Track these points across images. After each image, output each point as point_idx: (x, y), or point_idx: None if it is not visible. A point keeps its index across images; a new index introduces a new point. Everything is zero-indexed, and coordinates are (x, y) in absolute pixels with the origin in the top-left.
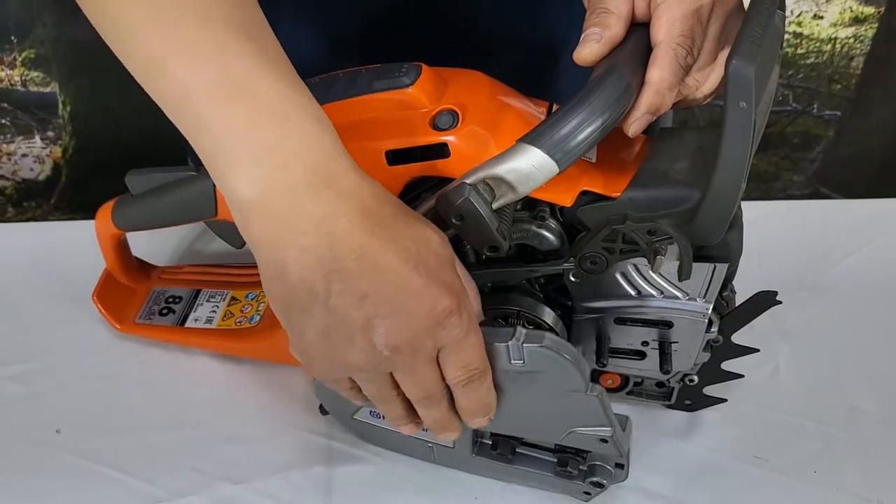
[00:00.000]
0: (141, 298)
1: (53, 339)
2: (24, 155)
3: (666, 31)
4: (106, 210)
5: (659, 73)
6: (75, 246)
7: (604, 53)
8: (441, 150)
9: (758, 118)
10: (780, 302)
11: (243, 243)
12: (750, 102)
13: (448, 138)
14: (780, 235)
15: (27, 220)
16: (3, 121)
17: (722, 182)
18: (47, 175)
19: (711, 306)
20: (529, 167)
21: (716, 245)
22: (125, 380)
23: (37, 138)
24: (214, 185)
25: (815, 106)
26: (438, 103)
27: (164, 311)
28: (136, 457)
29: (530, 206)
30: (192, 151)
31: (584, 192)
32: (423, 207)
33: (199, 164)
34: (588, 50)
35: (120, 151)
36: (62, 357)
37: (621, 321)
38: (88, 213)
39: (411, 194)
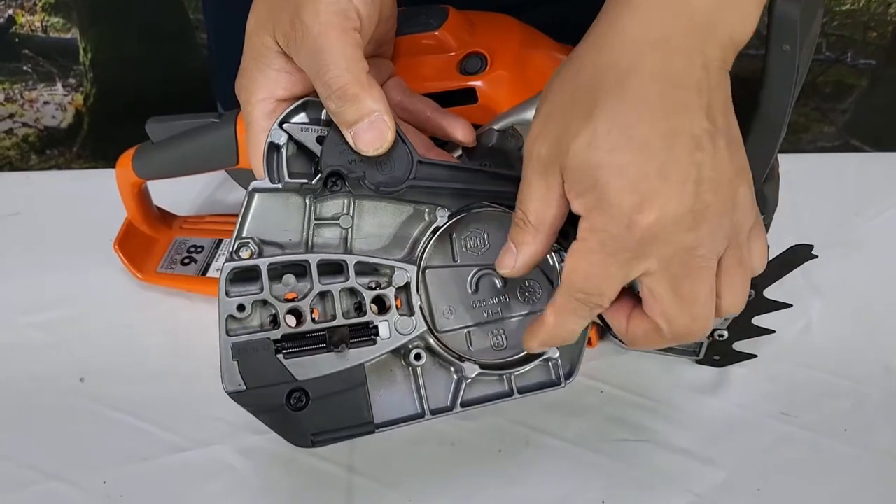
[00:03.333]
0: (163, 248)
1: (77, 288)
2: (45, 102)
3: (567, 274)
4: (126, 158)
5: (553, 318)
6: (98, 194)
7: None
8: (469, 96)
9: (801, 63)
10: (815, 256)
11: None
12: (794, 45)
13: (476, 83)
14: (812, 189)
15: (50, 167)
16: (25, 67)
17: (761, 131)
18: (69, 123)
19: None
20: None
21: None
22: (148, 329)
23: (58, 85)
24: (236, 133)
25: (849, 55)
26: (466, 47)
27: (186, 261)
28: (159, 406)
29: None
30: (222, 95)
31: None
32: (454, 153)
33: (226, 109)
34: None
35: (141, 99)
36: (85, 306)
37: None
38: (111, 161)
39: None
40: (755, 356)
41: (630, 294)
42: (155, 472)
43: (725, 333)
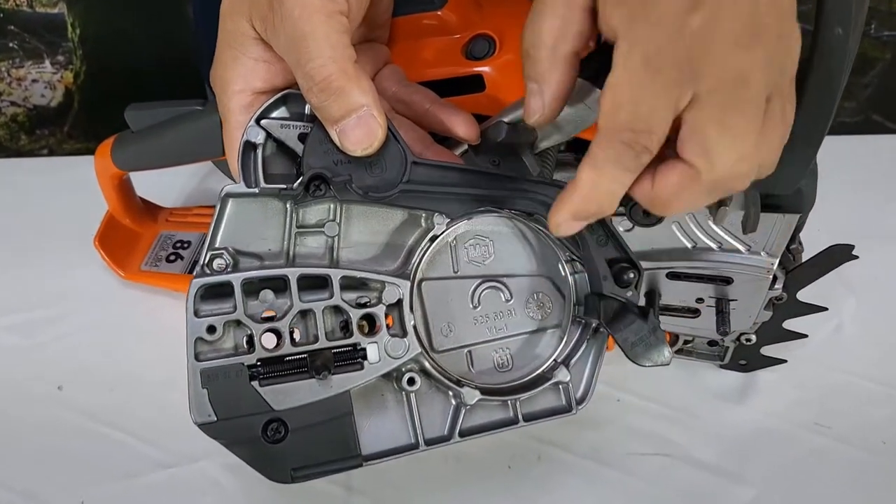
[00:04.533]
0: (147, 243)
1: (57, 287)
2: (34, 80)
3: (607, 115)
4: (105, 148)
5: (592, 174)
6: (85, 184)
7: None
8: (475, 83)
9: (852, 47)
10: (856, 256)
11: None
12: (847, 27)
13: (483, 69)
14: (836, 175)
15: (41, 148)
16: (11, 44)
17: (807, 120)
18: (59, 101)
19: (777, 261)
20: (579, 104)
21: None
22: (132, 331)
23: (46, 63)
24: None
25: (873, 26)
26: (472, 28)
27: (172, 258)
28: (142, 416)
29: (576, 147)
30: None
31: None
32: (458, 149)
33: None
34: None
35: (133, 77)
36: (66, 306)
37: (675, 276)
38: (103, 140)
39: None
40: (785, 361)
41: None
42: (137, 491)
43: (753, 337)
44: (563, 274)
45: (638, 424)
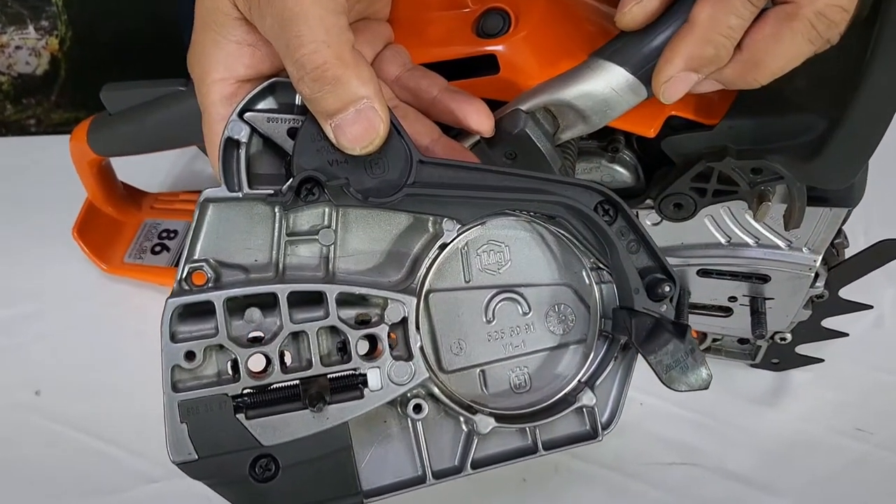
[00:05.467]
0: (131, 233)
1: (37, 281)
2: (17, 47)
3: None
4: (81, 132)
5: (709, 8)
6: (64, 167)
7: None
8: (487, 65)
9: None
10: None
11: None
12: None
13: (497, 48)
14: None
15: (28, 118)
16: None
17: (867, 108)
18: (45, 69)
19: (820, 258)
20: (608, 91)
21: None
22: (117, 330)
23: (30, 28)
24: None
25: None
26: (484, 1)
27: (158, 249)
28: (126, 425)
29: (600, 135)
30: None
31: (670, 119)
32: (468, 140)
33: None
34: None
35: (123, 42)
36: (47, 302)
37: (705, 273)
38: (93, 110)
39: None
40: (821, 360)
41: None
42: None
43: (788, 336)
44: (587, 283)
45: (662, 431)
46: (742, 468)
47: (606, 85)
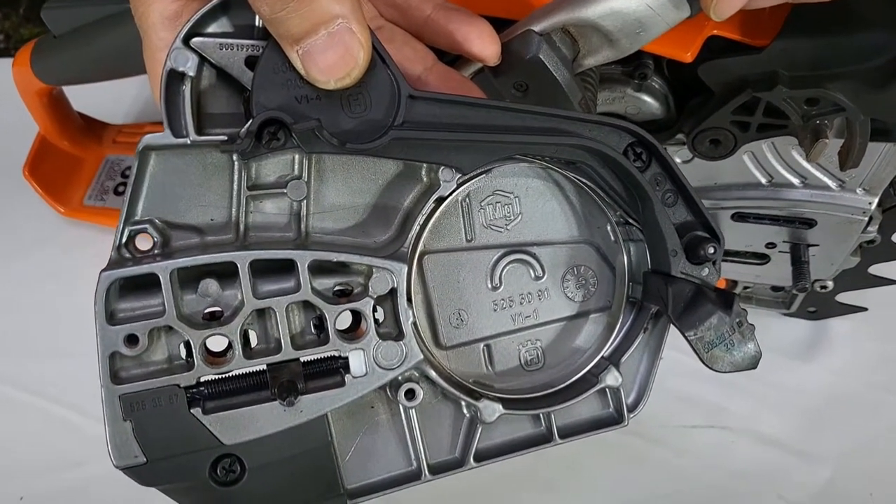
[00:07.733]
0: (91, 171)
1: None
2: None
3: None
4: (23, 57)
5: None
6: (9, 96)
7: None
8: None
9: None
10: None
11: None
12: None
13: None
14: None
15: None
16: None
17: None
18: None
19: (877, 200)
20: (642, 8)
21: None
22: (77, 281)
23: None
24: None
25: None
26: None
27: (121, 189)
28: (89, 389)
29: (625, 59)
30: None
31: (710, 40)
32: (469, 69)
33: None
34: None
35: None
36: None
37: (741, 217)
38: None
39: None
40: (865, 309)
41: None
42: (85, 483)
43: (830, 284)
44: (613, 241)
45: (686, 389)
46: (775, 431)
47: (638, 0)
